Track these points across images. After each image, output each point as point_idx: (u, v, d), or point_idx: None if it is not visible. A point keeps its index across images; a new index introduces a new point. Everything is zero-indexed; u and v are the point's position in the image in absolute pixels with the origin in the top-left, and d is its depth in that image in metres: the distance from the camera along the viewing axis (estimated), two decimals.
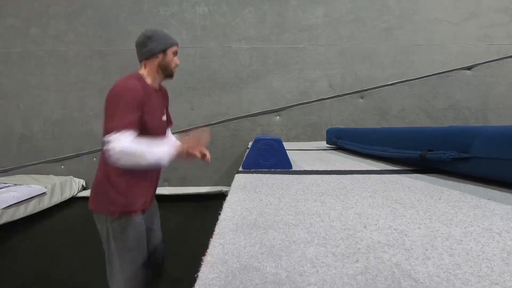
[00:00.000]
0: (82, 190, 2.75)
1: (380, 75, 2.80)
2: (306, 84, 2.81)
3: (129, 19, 2.82)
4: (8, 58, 2.83)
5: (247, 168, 0.97)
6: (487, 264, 0.31)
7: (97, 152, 2.81)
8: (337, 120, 2.78)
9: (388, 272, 0.30)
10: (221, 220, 0.47)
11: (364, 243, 0.37)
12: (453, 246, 0.36)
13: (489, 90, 2.76)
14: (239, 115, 2.77)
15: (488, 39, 2.78)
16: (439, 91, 2.77)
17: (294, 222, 0.45)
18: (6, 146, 2.83)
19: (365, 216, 0.48)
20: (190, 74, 2.82)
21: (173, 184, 2.81)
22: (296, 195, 0.63)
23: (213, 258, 0.33)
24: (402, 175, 0.85)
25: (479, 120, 2.75)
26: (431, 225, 0.44)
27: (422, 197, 0.60)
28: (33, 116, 2.84)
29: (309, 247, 0.36)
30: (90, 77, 2.84)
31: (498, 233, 0.40)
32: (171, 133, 1.30)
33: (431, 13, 2.80)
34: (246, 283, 0.28)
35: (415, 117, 2.77)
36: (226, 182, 2.74)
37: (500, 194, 0.61)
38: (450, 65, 2.78)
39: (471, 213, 0.49)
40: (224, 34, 2.81)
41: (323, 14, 2.82)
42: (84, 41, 2.83)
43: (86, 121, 2.84)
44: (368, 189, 0.68)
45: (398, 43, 2.81)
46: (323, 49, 2.82)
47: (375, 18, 2.81)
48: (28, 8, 2.83)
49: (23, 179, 2.52)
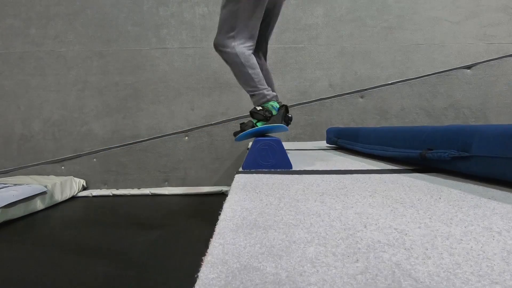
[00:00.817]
0: (82, 190, 2.75)
1: (380, 75, 2.80)
2: (306, 83, 2.81)
3: (129, 19, 2.82)
4: (8, 59, 2.83)
5: (247, 168, 0.97)
6: (487, 263, 0.31)
7: (97, 152, 2.81)
8: (337, 120, 2.78)
9: (388, 272, 0.30)
10: (221, 220, 0.47)
11: (364, 242, 0.37)
12: (453, 245, 0.36)
13: (489, 89, 2.76)
14: (239, 115, 2.77)
15: (488, 38, 2.78)
16: (439, 90, 2.77)
17: (294, 222, 0.45)
18: (6, 147, 2.83)
19: (365, 215, 0.48)
20: (190, 74, 2.82)
21: (173, 184, 2.81)
22: (296, 195, 0.63)
23: (213, 258, 0.33)
24: (402, 175, 0.85)
25: (479, 119, 2.75)
26: (431, 224, 0.44)
27: (422, 197, 0.60)
28: (33, 116, 2.84)
29: (309, 247, 0.36)
30: (90, 77, 2.84)
31: (498, 232, 0.40)
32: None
33: (431, 12, 2.80)
34: (246, 283, 0.28)
35: (415, 117, 2.77)
36: (226, 182, 2.74)
37: (500, 193, 0.61)
38: (450, 64, 2.78)
39: (471, 212, 0.49)
40: None
41: (323, 14, 2.82)
42: (84, 42, 2.83)
43: (86, 121, 2.84)
44: (368, 188, 0.68)
45: (398, 42, 2.81)
46: (323, 49, 2.82)
47: (375, 18, 2.81)
48: (28, 9, 2.83)
49: (23, 179, 2.53)
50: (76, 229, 1.87)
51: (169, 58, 2.83)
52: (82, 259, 1.42)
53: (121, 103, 2.84)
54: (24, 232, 1.84)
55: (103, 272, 1.28)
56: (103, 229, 1.86)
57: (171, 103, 2.82)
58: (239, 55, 1.10)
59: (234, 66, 1.14)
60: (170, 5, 2.82)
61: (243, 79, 1.15)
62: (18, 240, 1.72)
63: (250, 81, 1.13)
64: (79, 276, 1.25)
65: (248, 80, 1.13)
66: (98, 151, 2.82)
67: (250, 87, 1.15)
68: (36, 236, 1.80)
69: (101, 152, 2.81)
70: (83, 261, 1.40)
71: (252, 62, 1.13)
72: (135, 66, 2.84)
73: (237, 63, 1.12)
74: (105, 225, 1.94)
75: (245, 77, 1.13)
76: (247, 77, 1.13)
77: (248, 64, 1.12)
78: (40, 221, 2.07)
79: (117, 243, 1.62)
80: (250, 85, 1.14)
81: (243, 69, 1.12)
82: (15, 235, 1.79)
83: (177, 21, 2.82)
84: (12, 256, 1.48)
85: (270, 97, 1.18)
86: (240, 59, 1.11)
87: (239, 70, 1.13)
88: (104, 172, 2.80)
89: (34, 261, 1.41)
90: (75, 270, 1.30)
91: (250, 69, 1.12)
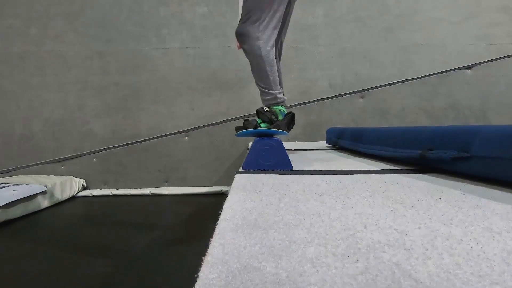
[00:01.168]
0: (82, 189, 2.75)
1: (380, 75, 2.80)
2: (306, 84, 2.81)
3: (129, 19, 2.82)
4: (8, 59, 2.83)
5: (247, 168, 0.97)
6: (487, 263, 0.31)
7: (97, 152, 2.81)
8: (337, 120, 2.78)
9: (388, 272, 0.30)
10: (221, 220, 0.47)
11: (364, 243, 0.37)
12: (453, 245, 0.36)
13: (489, 90, 2.76)
14: (239, 115, 2.77)
15: (488, 38, 2.78)
16: (439, 90, 2.77)
17: (294, 222, 0.45)
18: (6, 147, 2.83)
19: (365, 216, 0.48)
20: (190, 74, 2.82)
21: (173, 184, 2.81)
22: (296, 195, 0.63)
23: (213, 258, 0.33)
24: (402, 175, 0.85)
25: (480, 119, 2.75)
26: (431, 224, 0.43)
27: (422, 197, 0.60)
28: (33, 116, 2.84)
29: (309, 247, 0.36)
30: (90, 77, 2.84)
31: (498, 232, 0.40)
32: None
33: (431, 12, 2.80)
34: (246, 283, 0.28)
35: (415, 117, 2.77)
36: (226, 182, 2.74)
37: (500, 193, 0.61)
38: (450, 65, 2.77)
39: (472, 213, 0.49)
40: (224, 34, 2.81)
41: (323, 14, 2.82)
42: (84, 41, 2.83)
43: (86, 121, 2.84)
44: (368, 189, 0.68)
45: (398, 43, 2.81)
46: (323, 49, 2.82)
47: (375, 18, 2.81)
48: (28, 9, 2.83)
49: (23, 179, 2.53)
50: (76, 229, 1.88)
51: (169, 58, 2.83)
52: (82, 259, 1.42)
53: (121, 103, 2.84)
54: (24, 232, 1.84)
55: (103, 272, 1.28)
56: (103, 229, 1.86)
57: (171, 103, 2.82)
58: (261, 48, 1.08)
59: (254, 58, 1.11)
60: (170, 5, 2.82)
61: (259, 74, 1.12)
62: (18, 239, 1.72)
63: (265, 78, 1.12)
64: (79, 275, 1.25)
65: (264, 77, 1.11)
66: (98, 151, 2.82)
67: (264, 84, 1.13)
68: (36, 235, 1.80)
69: (101, 152, 2.81)
70: (83, 261, 1.40)
71: (272, 59, 1.11)
72: (135, 66, 2.84)
73: (257, 55, 1.09)
74: (105, 225, 1.94)
75: (261, 73, 1.11)
76: (263, 73, 1.10)
77: (268, 60, 1.10)
78: (40, 221, 2.07)
79: (117, 243, 1.62)
80: (264, 82, 1.13)
81: (262, 63, 1.09)
82: (15, 235, 1.79)
83: (177, 21, 2.83)
84: (12, 255, 1.48)
85: (281, 101, 1.17)
86: (261, 52, 1.08)
87: (257, 64, 1.11)
88: (104, 172, 2.80)
89: (34, 260, 1.41)
90: (75, 269, 1.30)
91: (268, 66, 1.10)
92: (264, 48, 1.09)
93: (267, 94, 1.15)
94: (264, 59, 1.09)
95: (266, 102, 1.17)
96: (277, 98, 1.15)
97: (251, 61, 1.14)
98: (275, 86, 1.14)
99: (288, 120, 1.16)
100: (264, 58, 1.09)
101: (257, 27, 1.08)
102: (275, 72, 1.13)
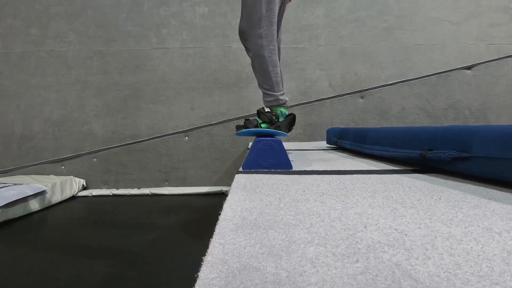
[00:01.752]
0: (82, 189, 2.75)
1: (380, 75, 2.80)
2: (306, 84, 2.81)
3: (129, 19, 2.82)
4: (8, 59, 2.83)
5: (247, 168, 0.97)
6: (487, 264, 0.31)
7: (97, 152, 2.82)
8: (337, 120, 2.78)
9: (388, 272, 0.30)
10: (221, 220, 0.47)
11: (364, 243, 0.37)
12: (453, 246, 0.36)
13: (489, 90, 2.76)
14: (239, 115, 2.77)
15: (488, 38, 2.78)
16: (439, 90, 2.77)
17: (294, 222, 0.45)
18: (6, 147, 2.83)
19: (365, 216, 0.48)
20: (190, 74, 2.83)
21: (173, 184, 2.81)
22: (296, 195, 0.63)
23: (213, 258, 0.33)
24: (402, 175, 0.85)
25: (480, 119, 2.75)
26: (431, 225, 0.43)
27: (422, 197, 0.60)
28: (33, 116, 2.84)
29: (309, 247, 0.36)
30: (90, 77, 2.84)
31: (498, 233, 0.40)
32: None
33: (431, 13, 2.80)
34: (246, 283, 0.28)
35: (415, 117, 2.77)
36: (226, 182, 2.74)
37: (500, 194, 0.61)
38: (450, 65, 2.78)
39: (471, 213, 0.49)
40: (224, 34, 2.81)
41: (323, 14, 2.82)
42: (84, 41, 2.83)
43: (86, 121, 2.84)
44: (368, 189, 0.68)
45: (398, 43, 2.81)
46: (323, 49, 2.82)
47: (375, 18, 2.81)
48: (28, 9, 2.83)
49: (23, 179, 2.53)
50: (76, 229, 1.87)
51: (169, 58, 2.83)
52: (82, 259, 1.42)
53: (121, 103, 2.84)
54: (24, 232, 1.84)
55: (103, 272, 1.28)
56: (103, 229, 1.86)
57: (171, 103, 2.82)
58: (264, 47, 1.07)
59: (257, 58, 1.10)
60: (170, 5, 2.82)
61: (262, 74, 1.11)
62: (18, 239, 1.72)
63: (268, 79, 1.10)
64: (79, 275, 1.25)
65: (267, 77, 1.10)
66: (98, 151, 2.82)
67: (266, 84, 1.12)
68: (36, 235, 1.80)
69: (101, 152, 2.81)
70: (82, 261, 1.40)
71: (274, 59, 1.10)
72: (135, 66, 2.84)
73: (260, 56, 1.08)
74: (105, 225, 1.94)
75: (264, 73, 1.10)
76: (266, 74, 1.09)
77: (271, 60, 1.08)
78: (40, 221, 2.07)
79: (117, 243, 1.62)
80: (267, 83, 1.11)
81: (265, 63, 1.08)
82: (15, 235, 1.79)
83: (177, 21, 2.83)
84: (12, 255, 1.48)
85: (282, 103, 1.16)
86: (265, 53, 1.07)
87: (260, 64, 1.09)
88: (104, 172, 2.80)
89: (34, 260, 1.41)
90: (75, 269, 1.30)
91: (271, 66, 1.09)
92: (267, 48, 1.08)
93: (269, 95, 1.15)
94: (267, 59, 1.08)
95: (268, 103, 1.17)
96: (279, 100, 1.15)
97: (253, 62, 1.13)
98: (277, 88, 1.14)
99: (289, 121, 1.15)
100: (267, 59, 1.08)
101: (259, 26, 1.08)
102: (277, 73, 1.12)
